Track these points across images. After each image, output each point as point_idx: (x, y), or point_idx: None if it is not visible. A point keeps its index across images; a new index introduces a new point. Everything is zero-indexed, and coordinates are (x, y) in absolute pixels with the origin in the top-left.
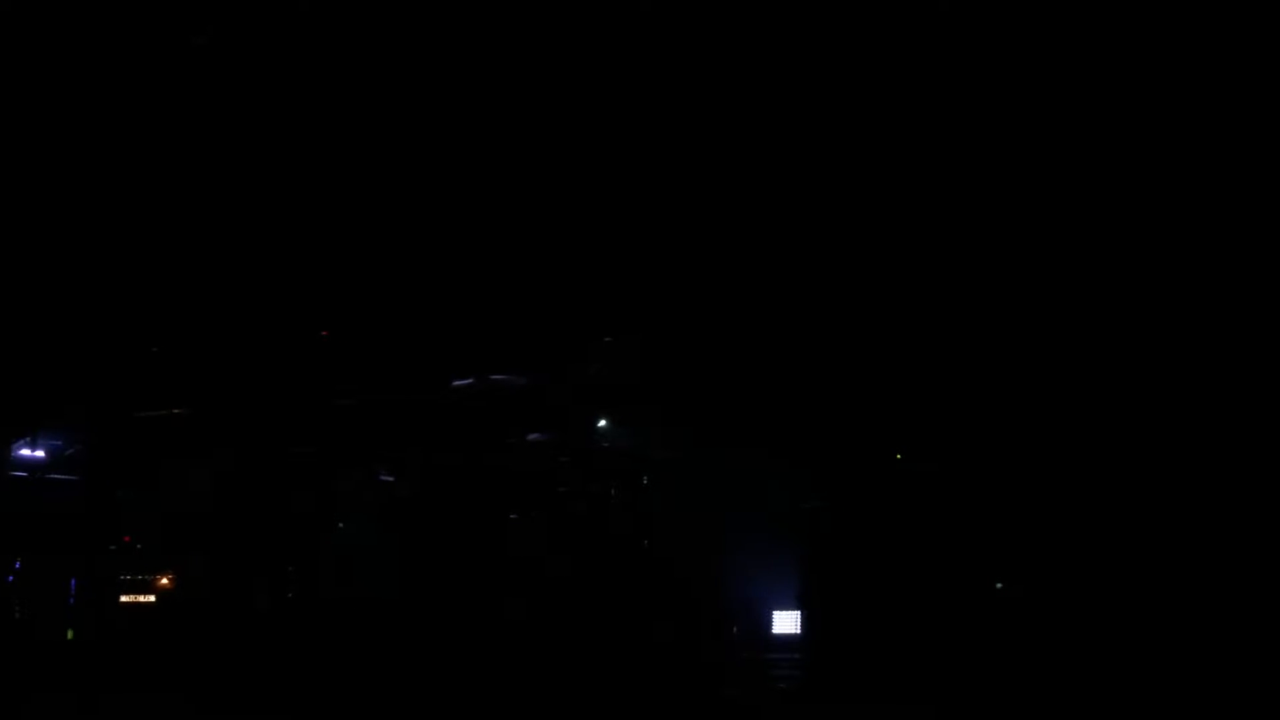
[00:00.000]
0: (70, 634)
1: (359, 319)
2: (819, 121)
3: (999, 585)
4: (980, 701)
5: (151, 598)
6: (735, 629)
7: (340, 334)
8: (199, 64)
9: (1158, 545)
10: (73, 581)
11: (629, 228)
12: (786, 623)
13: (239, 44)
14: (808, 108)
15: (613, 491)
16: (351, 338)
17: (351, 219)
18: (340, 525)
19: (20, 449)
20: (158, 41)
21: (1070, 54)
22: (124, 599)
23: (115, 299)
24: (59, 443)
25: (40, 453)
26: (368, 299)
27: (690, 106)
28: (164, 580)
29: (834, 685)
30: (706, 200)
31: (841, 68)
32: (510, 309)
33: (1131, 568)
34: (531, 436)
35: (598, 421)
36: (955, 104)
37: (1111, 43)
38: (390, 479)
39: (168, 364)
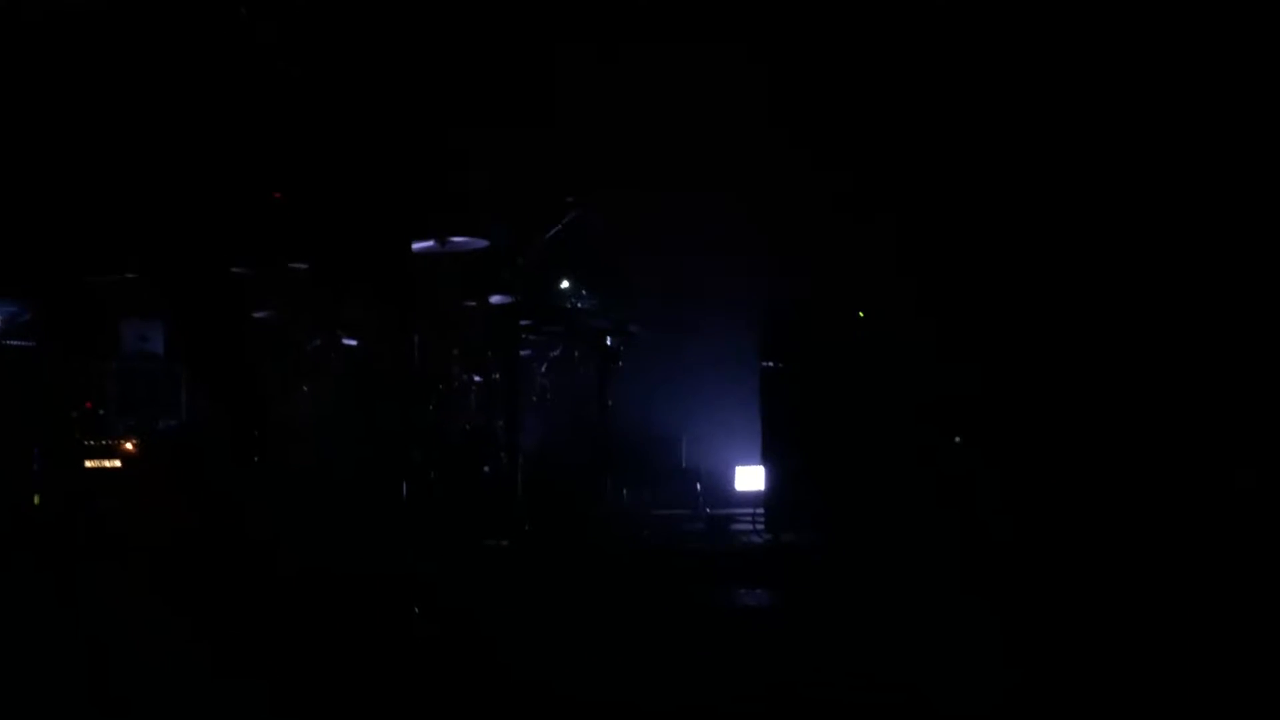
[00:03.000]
0: (36, 499)
1: (314, 180)
2: None
3: (957, 439)
4: (934, 549)
5: (116, 462)
6: (699, 486)
7: (294, 196)
8: None
9: (1126, 406)
10: (35, 449)
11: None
12: (749, 479)
13: None
14: None
15: (576, 354)
16: (307, 199)
17: (302, 67)
18: (304, 389)
19: None
20: None
21: None
22: (88, 464)
23: (65, 162)
24: (14, 309)
25: None
26: (321, 158)
27: None
28: (128, 445)
29: (794, 541)
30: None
31: None
32: (470, 169)
33: (1096, 425)
34: (494, 299)
35: (561, 284)
36: None
37: None
38: (353, 343)
39: (121, 227)
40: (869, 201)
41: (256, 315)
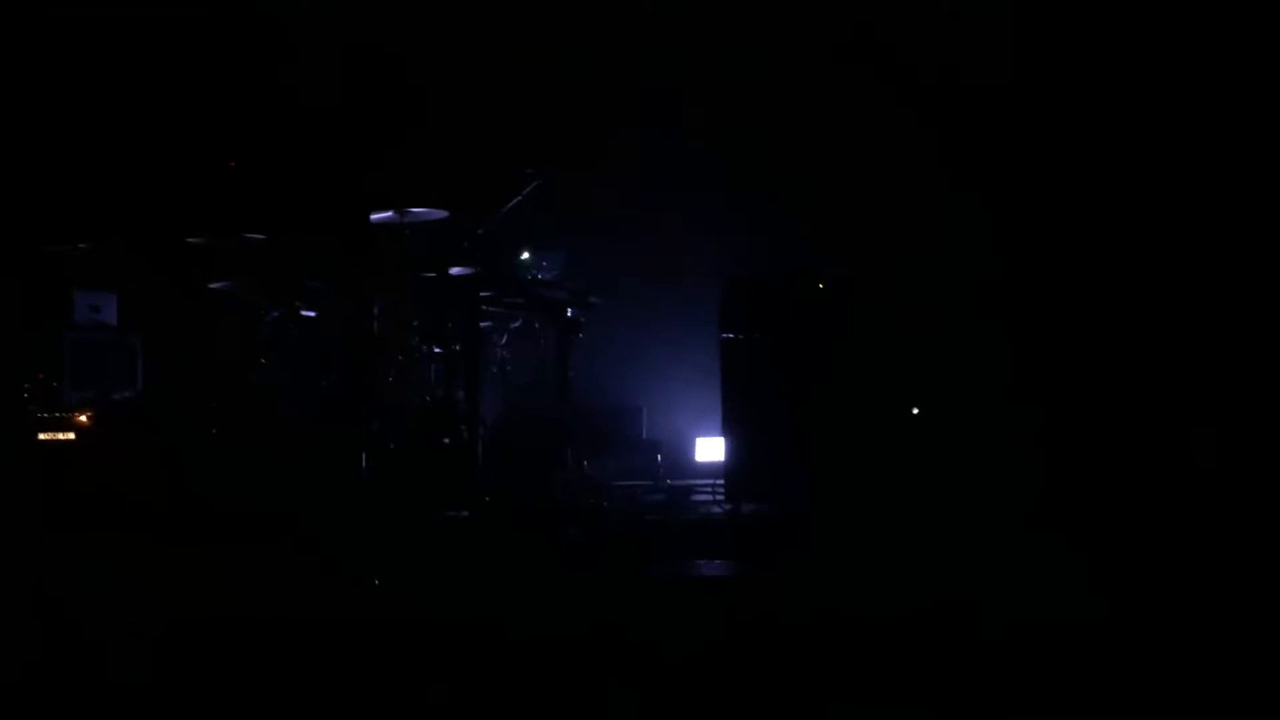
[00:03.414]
0: None
1: (269, 148)
2: None
3: (915, 410)
4: (893, 516)
5: (70, 435)
6: (660, 457)
7: (249, 164)
8: None
9: (1083, 375)
10: None
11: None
12: (709, 450)
13: None
14: None
15: (537, 325)
16: (262, 168)
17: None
18: (263, 361)
19: None
20: None
21: None
22: (42, 436)
23: (15, 132)
24: None
25: None
26: (277, 127)
27: None
28: (82, 418)
29: (753, 511)
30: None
31: None
32: (429, 139)
33: (1057, 393)
34: (454, 270)
35: (521, 256)
36: None
37: None
38: (312, 314)
39: (74, 197)
40: (832, 171)
41: (213, 286)
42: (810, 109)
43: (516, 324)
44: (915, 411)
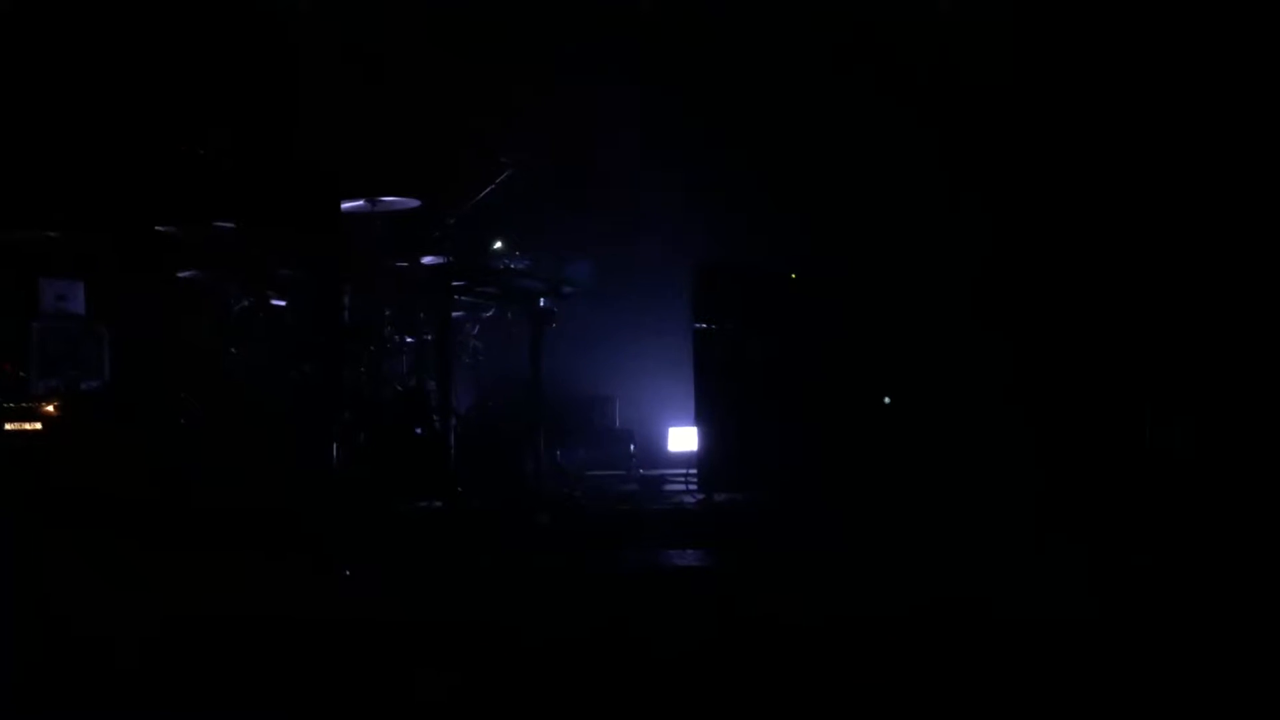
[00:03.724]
0: None
1: (238, 134)
2: None
3: (887, 400)
4: (865, 504)
5: (37, 425)
6: (633, 447)
7: (218, 151)
8: None
9: (1051, 363)
10: None
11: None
12: (682, 440)
13: None
14: None
15: (509, 315)
16: (231, 155)
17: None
18: (233, 350)
19: None
20: None
21: None
22: (8, 426)
23: None
24: None
25: None
26: (246, 112)
27: None
28: (49, 408)
29: (726, 500)
30: None
31: None
32: (401, 126)
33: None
34: (426, 260)
35: (493, 245)
36: None
37: None
38: (282, 303)
39: (41, 184)
40: (806, 159)
41: (182, 275)
42: (786, 95)
43: (489, 313)
44: (887, 400)
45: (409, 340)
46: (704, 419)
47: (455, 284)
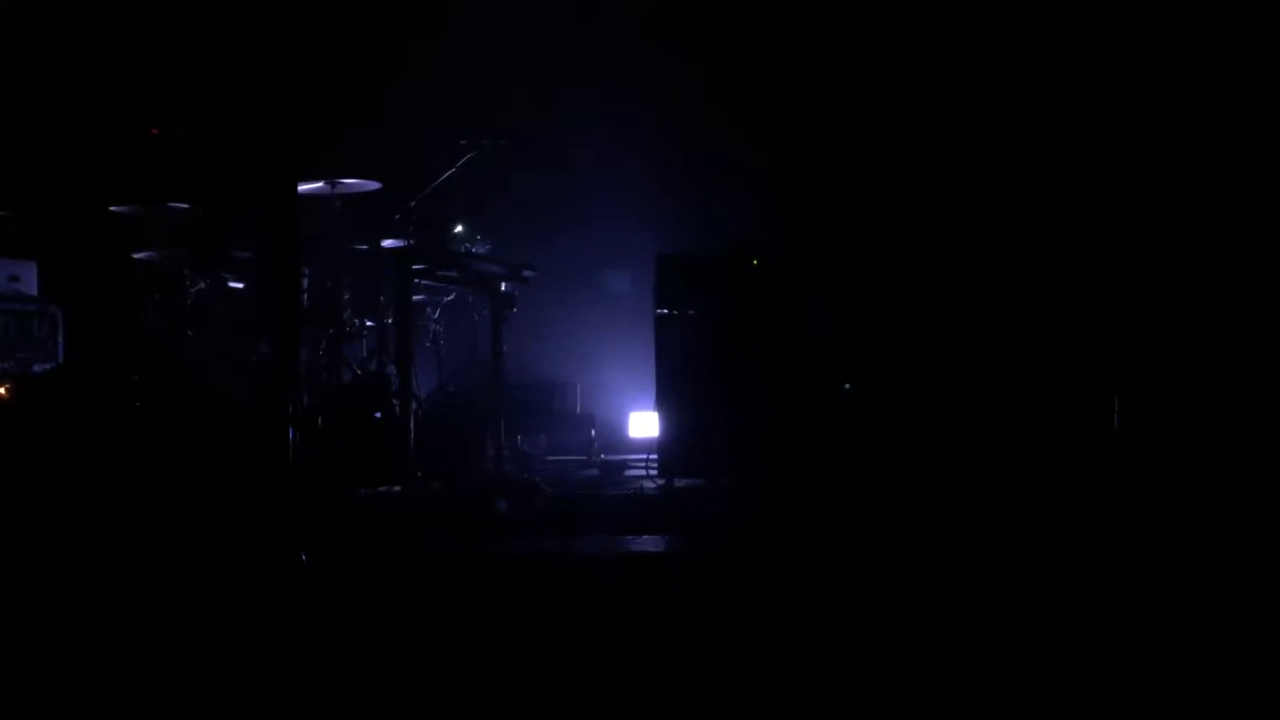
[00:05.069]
0: None
1: (193, 114)
2: None
3: (847, 386)
4: (825, 489)
5: None
6: (594, 432)
7: (172, 130)
8: None
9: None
10: None
11: None
12: (643, 425)
13: None
14: None
15: (471, 299)
16: (185, 135)
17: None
18: (189, 334)
19: None
20: None
21: None
22: None
23: None
24: None
25: None
26: (201, 91)
27: None
28: (1, 390)
29: (687, 486)
30: None
31: None
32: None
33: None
34: (386, 243)
35: (455, 229)
36: None
37: None
38: (239, 286)
39: None
40: (767, 145)
41: (137, 256)
42: (745, 81)
43: (450, 297)
44: (847, 386)
45: (369, 324)
46: (665, 404)
47: (415, 267)
